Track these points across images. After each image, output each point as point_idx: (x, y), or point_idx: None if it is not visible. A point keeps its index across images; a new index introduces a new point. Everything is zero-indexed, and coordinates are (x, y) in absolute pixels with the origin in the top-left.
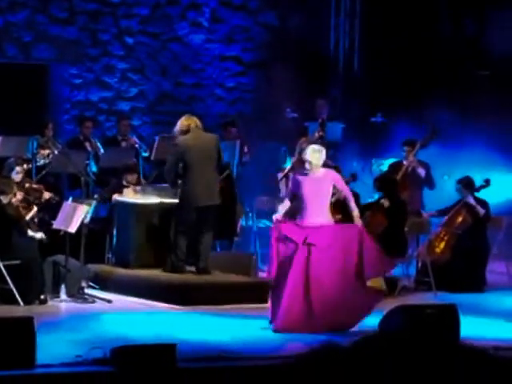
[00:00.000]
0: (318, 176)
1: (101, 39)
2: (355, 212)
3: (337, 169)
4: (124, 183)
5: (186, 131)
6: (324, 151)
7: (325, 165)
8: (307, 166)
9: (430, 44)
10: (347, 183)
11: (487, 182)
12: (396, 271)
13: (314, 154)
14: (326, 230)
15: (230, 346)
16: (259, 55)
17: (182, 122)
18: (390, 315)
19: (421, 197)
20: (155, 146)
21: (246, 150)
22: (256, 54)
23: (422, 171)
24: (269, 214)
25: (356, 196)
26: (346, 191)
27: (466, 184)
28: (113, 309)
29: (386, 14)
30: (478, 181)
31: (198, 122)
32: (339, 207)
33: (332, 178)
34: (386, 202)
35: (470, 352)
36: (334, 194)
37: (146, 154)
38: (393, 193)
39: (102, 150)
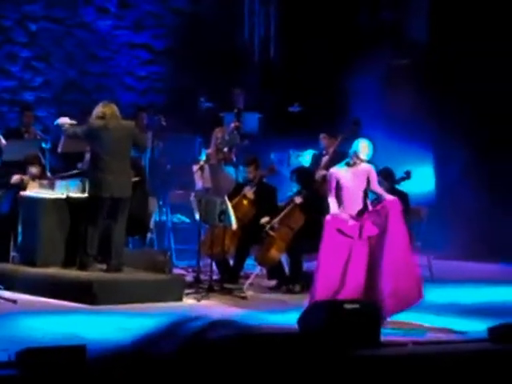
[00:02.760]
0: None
1: (2, 25)
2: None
3: (255, 161)
4: (27, 177)
5: (100, 118)
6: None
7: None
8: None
9: (348, 32)
10: (265, 176)
11: (408, 174)
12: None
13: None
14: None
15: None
16: (171, 42)
17: (98, 109)
18: (310, 311)
19: None
20: (62, 138)
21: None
22: (167, 42)
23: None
24: (184, 208)
25: (273, 190)
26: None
27: (386, 175)
28: (18, 309)
29: (303, 1)
30: (399, 173)
31: (116, 110)
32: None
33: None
34: (298, 199)
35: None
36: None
37: (47, 146)
38: (310, 185)
39: (3, 142)
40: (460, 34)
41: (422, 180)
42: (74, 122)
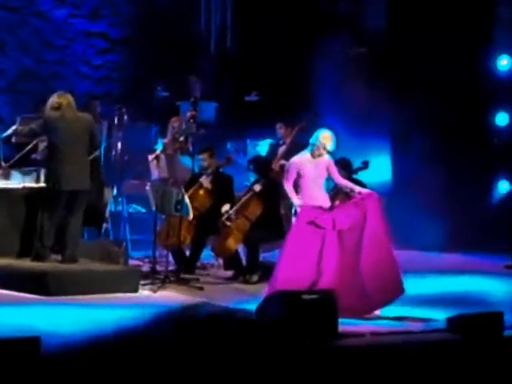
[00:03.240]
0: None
1: None
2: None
3: (209, 149)
4: None
5: (56, 109)
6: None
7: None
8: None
9: (305, 20)
10: (222, 166)
11: (365, 164)
12: (273, 256)
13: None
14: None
15: (98, 338)
16: (127, 31)
17: (53, 99)
18: (268, 302)
19: None
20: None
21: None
22: (124, 30)
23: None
24: (139, 198)
25: (230, 179)
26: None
27: (344, 165)
28: None
29: None
30: (357, 162)
31: (72, 101)
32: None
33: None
34: (257, 187)
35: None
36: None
37: (0, 136)
38: (266, 174)
39: None
40: (418, 22)
41: (379, 170)
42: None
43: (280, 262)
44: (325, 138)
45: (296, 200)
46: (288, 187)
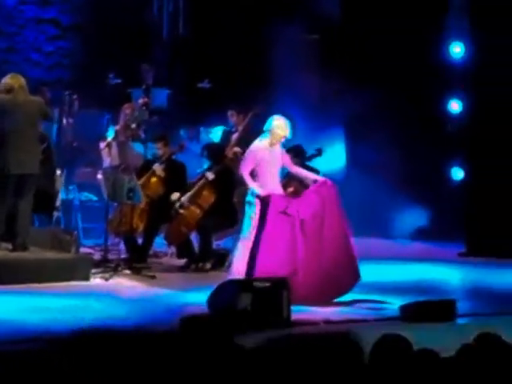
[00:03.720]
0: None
1: None
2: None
3: (164, 137)
4: None
5: (8, 91)
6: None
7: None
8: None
9: (258, 7)
10: (174, 153)
11: (319, 151)
12: (226, 244)
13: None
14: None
15: (51, 327)
16: (78, 18)
17: (5, 81)
18: (219, 290)
19: None
20: None
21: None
22: (75, 17)
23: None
24: (91, 186)
25: (182, 167)
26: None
27: (297, 152)
28: None
29: None
30: (310, 150)
31: (24, 83)
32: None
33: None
34: (210, 175)
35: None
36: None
37: None
38: (220, 161)
39: None
40: (371, 9)
41: (333, 157)
42: None
43: (258, 253)
44: (279, 125)
45: (256, 187)
46: (246, 175)
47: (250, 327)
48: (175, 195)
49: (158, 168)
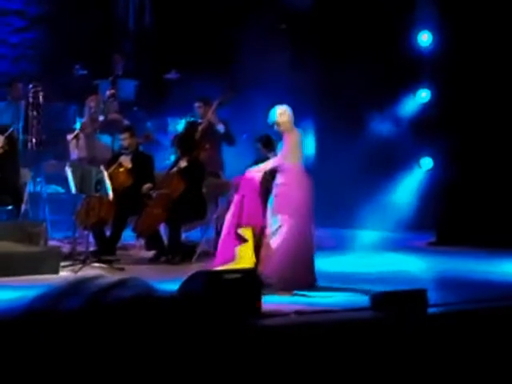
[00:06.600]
0: None
1: None
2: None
3: (130, 128)
4: None
5: None
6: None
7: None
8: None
9: None
10: (141, 144)
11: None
12: (194, 235)
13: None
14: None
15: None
16: (44, 9)
17: None
18: (189, 282)
19: (220, 157)
20: None
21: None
22: (41, 8)
23: (221, 127)
24: (58, 178)
25: (150, 158)
26: None
27: (266, 142)
28: None
29: None
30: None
31: None
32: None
33: None
34: (182, 162)
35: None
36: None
37: None
38: (190, 152)
39: None
40: (340, 0)
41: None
42: None
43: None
44: (282, 112)
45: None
46: None
47: (218, 317)
48: (147, 186)
49: (124, 160)
